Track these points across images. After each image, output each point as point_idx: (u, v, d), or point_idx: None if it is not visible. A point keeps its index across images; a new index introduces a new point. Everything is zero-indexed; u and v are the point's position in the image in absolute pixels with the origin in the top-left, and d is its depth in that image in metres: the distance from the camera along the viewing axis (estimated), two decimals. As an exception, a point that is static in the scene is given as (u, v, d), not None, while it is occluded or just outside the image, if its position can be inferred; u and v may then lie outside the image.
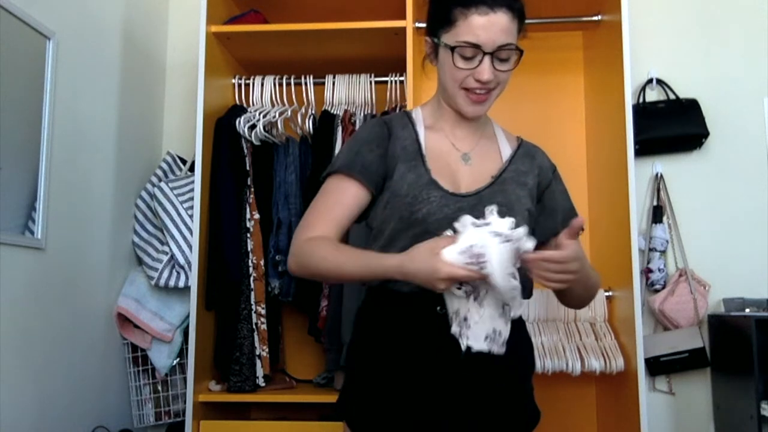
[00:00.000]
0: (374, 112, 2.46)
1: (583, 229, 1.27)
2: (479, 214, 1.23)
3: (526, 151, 1.48)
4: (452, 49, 1.31)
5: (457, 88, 1.34)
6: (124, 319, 2.37)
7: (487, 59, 1.30)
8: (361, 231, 1.52)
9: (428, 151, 1.38)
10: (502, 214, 1.22)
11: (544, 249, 1.33)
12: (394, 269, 1.22)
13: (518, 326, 1.35)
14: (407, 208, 1.31)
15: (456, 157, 1.40)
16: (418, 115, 1.46)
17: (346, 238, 1.49)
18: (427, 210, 1.30)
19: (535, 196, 1.42)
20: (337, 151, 2.35)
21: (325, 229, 1.34)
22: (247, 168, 2.37)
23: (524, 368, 1.41)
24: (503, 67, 1.33)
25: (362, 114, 2.44)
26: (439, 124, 1.44)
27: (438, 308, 1.27)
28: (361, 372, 1.38)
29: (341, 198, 1.36)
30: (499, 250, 1.15)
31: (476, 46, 1.29)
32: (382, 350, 1.34)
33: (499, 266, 1.14)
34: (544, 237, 1.41)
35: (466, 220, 1.19)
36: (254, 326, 2.29)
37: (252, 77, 2.52)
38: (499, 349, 1.24)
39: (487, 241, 1.15)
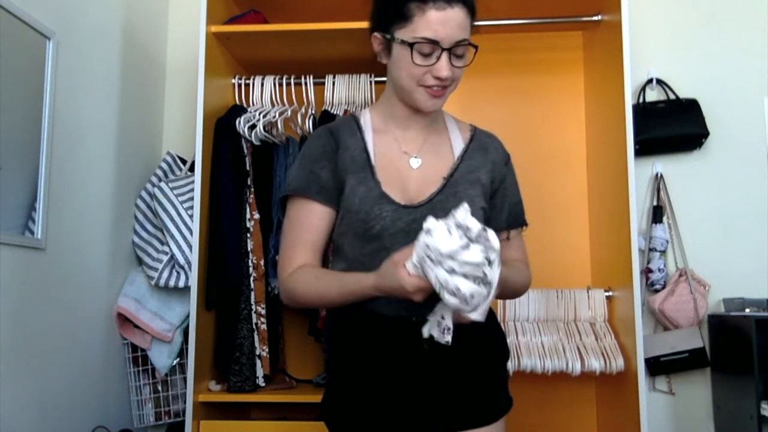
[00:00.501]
0: (374, 112, 2.46)
1: None
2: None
3: (479, 144, 1.45)
4: (410, 45, 1.28)
5: (415, 85, 1.32)
6: (124, 319, 2.37)
7: (444, 56, 1.28)
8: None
9: (377, 159, 1.37)
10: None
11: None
12: (372, 289, 1.22)
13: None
14: (361, 225, 1.31)
15: (405, 162, 1.38)
16: (366, 120, 1.44)
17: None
18: (381, 226, 1.30)
19: (488, 192, 1.42)
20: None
21: (303, 258, 1.35)
22: (247, 168, 2.37)
23: (494, 358, 1.41)
24: (459, 63, 1.32)
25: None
26: (389, 125, 1.42)
27: (413, 318, 1.26)
28: (337, 377, 1.40)
29: (308, 223, 1.37)
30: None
31: (434, 42, 1.27)
32: (355, 355, 1.35)
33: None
34: (499, 230, 1.40)
35: (430, 222, 1.14)
36: (254, 326, 2.29)
37: (252, 77, 2.52)
38: (445, 339, 1.21)
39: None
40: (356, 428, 1.34)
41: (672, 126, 2.55)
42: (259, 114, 2.38)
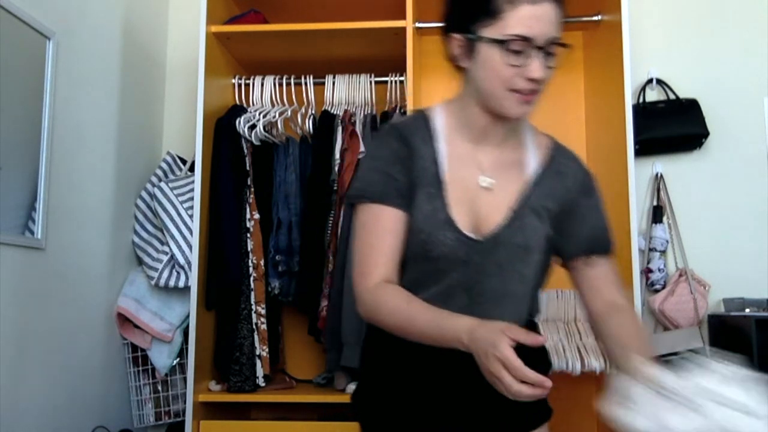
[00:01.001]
0: (374, 112, 2.46)
1: None
2: (493, 254, 1.20)
3: (556, 167, 1.31)
4: (502, 43, 1.15)
5: (504, 90, 1.18)
6: (124, 319, 2.37)
7: (538, 55, 1.16)
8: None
9: (449, 174, 1.26)
10: (521, 255, 1.20)
11: (572, 265, 1.31)
12: (463, 332, 1.08)
13: (534, 328, 1.35)
14: (421, 245, 1.23)
15: (475, 181, 1.26)
16: (440, 124, 1.30)
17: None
18: (440, 252, 1.22)
19: (555, 218, 1.29)
20: (337, 151, 2.35)
21: (384, 270, 1.22)
22: (247, 168, 2.37)
23: (540, 367, 1.32)
24: (551, 63, 1.19)
25: (362, 114, 2.44)
26: (462, 134, 1.29)
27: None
28: (374, 379, 1.35)
29: (389, 230, 1.24)
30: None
31: (527, 40, 1.15)
32: (396, 361, 1.30)
33: None
34: (568, 257, 1.32)
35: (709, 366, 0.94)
36: (254, 326, 2.29)
37: (252, 77, 2.52)
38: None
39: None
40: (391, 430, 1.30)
41: (672, 126, 2.55)
42: (259, 114, 2.38)
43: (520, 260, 1.24)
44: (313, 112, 2.46)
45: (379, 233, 1.24)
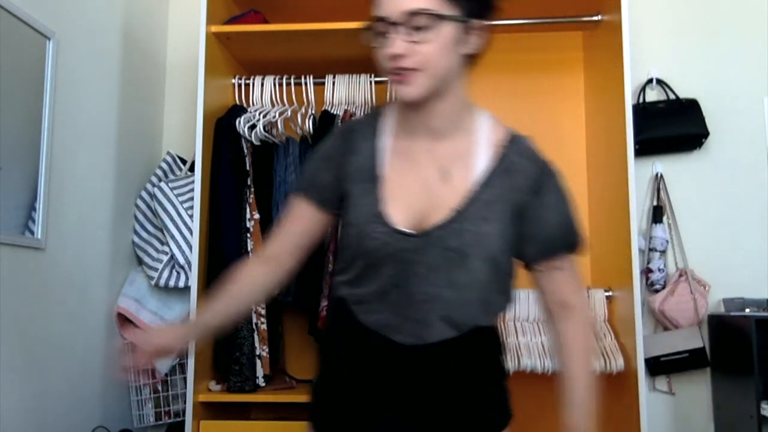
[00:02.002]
0: (374, 112, 2.46)
1: None
2: (423, 255, 1.17)
3: (506, 165, 1.24)
4: (368, 30, 1.18)
5: (387, 73, 1.18)
6: (124, 319, 2.37)
7: (395, 30, 1.13)
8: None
9: (389, 169, 1.25)
10: (454, 260, 1.16)
11: (532, 268, 1.30)
12: None
13: (481, 334, 1.25)
14: (355, 240, 1.24)
15: (419, 176, 1.24)
16: (388, 121, 1.29)
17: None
18: (371, 246, 1.21)
19: (513, 223, 1.23)
20: (337, 151, 2.35)
21: (272, 248, 1.37)
22: (247, 168, 2.37)
23: (484, 373, 1.29)
24: (423, 36, 1.13)
25: (362, 114, 2.44)
26: (405, 128, 1.28)
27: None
28: (325, 382, 1.38)
29: (295, 219, 1.35)
30: None
31: (382, 20, 1.15)
32: (342, 364, 1.32)
33: None
34: (527, 263, 1.30)
35: None
36: (254, 326, 2.29)
37: (252, 77, 2.52)
38: None
39: None
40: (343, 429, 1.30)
41: (672, 126, 2.55)
42: (259, 114, 2.38)
43: (453, 265, 1.18)
44: (313, 112, 2.45)
45: (285, 219, 1.37)
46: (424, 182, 1.23)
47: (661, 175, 2.60)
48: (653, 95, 2.65)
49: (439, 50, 1.15)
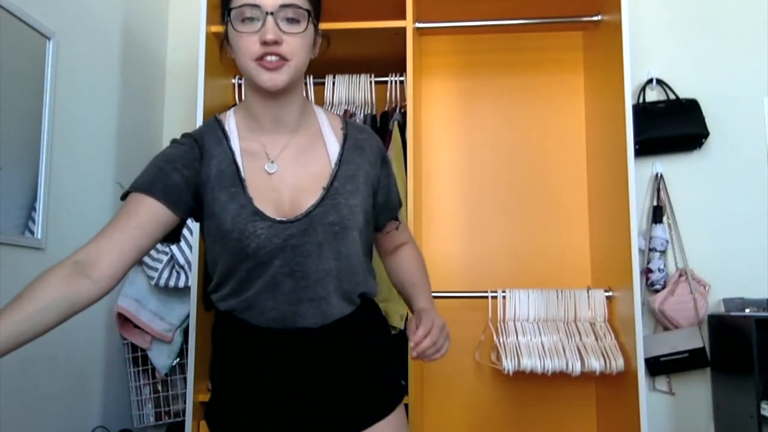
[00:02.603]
0: (374, 112, 2.46)
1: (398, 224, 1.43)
2: (310, 235, 1.23)
3: (353, 143, 1.35)
4: (231, 11, 1.22)
5: (251, 61, 1.22)
6: (124, 319, 2.37)
7: (270, 18, 1.20)
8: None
9: (247, 171, 1.27)
10: (338, 232, 1.24)
11: (378, 233, 1.45)
12: None
13: (365, 308, 1.36)
14: (236, 244, 1.23)
15: (285, 166, 1.29)
16: (231, 125, 1.33)
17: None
18: (256, 244, 1.23)
19: (370, 194, 1.35)
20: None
21: (97, 249, 1.18)
22: (247, 168, 2.36)
23: (373, 353, 1.36)
24: (293, 29, 1.22)
25: (362, 114, 2.44)
26: (254, 130, 1.31)
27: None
28: (219, 383, 1.36)
29: (136, 215, 1.23)
30: None
31: (255, 6, 1.21)
32: (234, 364, 1.32)
33: None
34: (378, 228, 1.45)
35: None
36: (254, 326, 2.29)
37: (252, 77, 2.52)
38: None
39: None
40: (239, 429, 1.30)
41: (672, 126, 2.55)
42: (259, 114, 2.37)
43: (337, 238, 1.26)
44: (313, 112, 2.45)
45: (122, 216, 1.23)
46: (284, 174, 1.29)
47: (661, 175, 2.60)
48: (653, 95, 2.65)
49: (304, 44, 1.25)
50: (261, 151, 1.30)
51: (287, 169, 1.29)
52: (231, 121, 1.34)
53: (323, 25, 2.26)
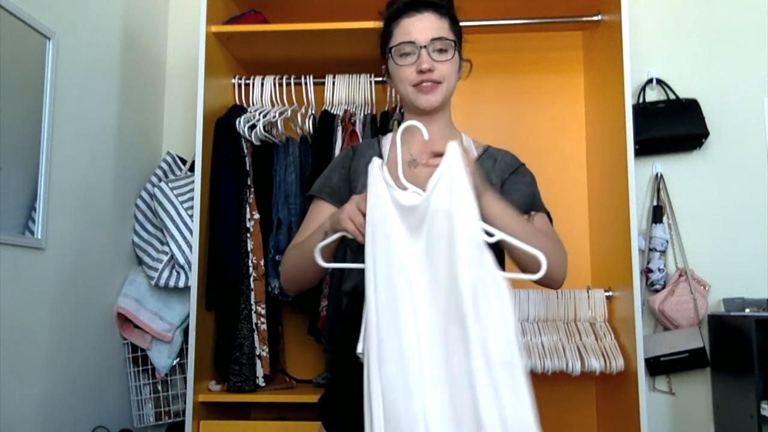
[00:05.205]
0: (374, 112, 2.46)
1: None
2: None
3: (489, 154, 1.57)
4: (391, 50, 1.46)
5: (409, 87, 1.45)
6: (124, 319, 2.37)
7: (423, 51, 1.43)
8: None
9: (389, 164, 1.41)
10: None
11: None
12: (329, 220, 1.35)
13: None
14: None
15: (418, 167, 1.42)
16: (387, 138, 1.59)
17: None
18: None
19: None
20: (337, 151, 2.35)
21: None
22: (247, 168, 2.37)
23: None
24: (443, 57, 1.44)
25: (362, 114, 2.44)
26: (407, 142, 1.47)
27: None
28: (338, 378, 1.48)
29: (316, 220, 1.49)
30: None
31: (411, 43, 1.43)
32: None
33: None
34: None
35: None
36: (254, 326, 2.29)
37: (252, 77, 2.52)
38: None
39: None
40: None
41: (672, 126, 2.55)
42: (259, 114, 2.38)
43: None
44: (313, 112, 2.46)
45: (307, 221, 1.54)
46: (420, 174, 1.37)
47: (661, 175, 2.60)
48: (653, 95, 2.65)
49: (452, 69, 1.47)
50: (407, 153, 1.47)
51: (423, 170, 1.40)
52: (387, 137, 1.60)
53: (323, 25, 2.29)
